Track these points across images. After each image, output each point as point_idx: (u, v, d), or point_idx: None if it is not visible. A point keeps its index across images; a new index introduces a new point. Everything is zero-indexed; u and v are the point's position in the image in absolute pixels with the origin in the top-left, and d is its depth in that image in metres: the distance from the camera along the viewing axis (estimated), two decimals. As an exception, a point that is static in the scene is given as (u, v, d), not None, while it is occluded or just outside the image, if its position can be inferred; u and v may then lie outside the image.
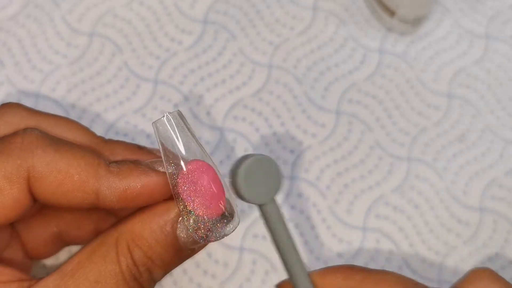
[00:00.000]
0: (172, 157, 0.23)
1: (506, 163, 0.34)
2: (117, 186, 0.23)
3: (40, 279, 0.23)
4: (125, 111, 0.34)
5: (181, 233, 0.23)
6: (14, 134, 0.23)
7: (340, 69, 0.36)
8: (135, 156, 0.26)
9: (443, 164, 0.34)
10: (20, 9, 0.36)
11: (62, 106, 0.34)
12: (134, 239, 0.23)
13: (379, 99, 0.35)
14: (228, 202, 0.23)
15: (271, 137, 0.34)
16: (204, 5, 0.36)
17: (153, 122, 0.23)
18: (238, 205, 0.24)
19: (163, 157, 0.23)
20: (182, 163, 0.23)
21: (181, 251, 0.24)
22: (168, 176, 0.23)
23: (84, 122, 0.34)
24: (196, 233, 0.23)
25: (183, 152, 0.23)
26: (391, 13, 0.35)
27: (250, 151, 0.34)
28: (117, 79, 0.35)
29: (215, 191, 0.23)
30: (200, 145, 0.24)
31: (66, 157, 0.23)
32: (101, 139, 0.27)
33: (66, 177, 0.23)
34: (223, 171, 0.33)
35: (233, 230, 0.23)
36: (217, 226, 0.23)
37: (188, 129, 0.24)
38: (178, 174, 0.23)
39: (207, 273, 0.32)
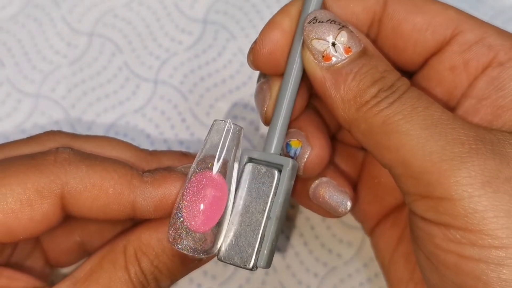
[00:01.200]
0: (204, 162, 0.23)
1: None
2: (153, 196, 0.23)
3: (53, 286, 0.23)
4: (125, 111, 0.34)
5: (186, 252, 0.23)
6: (47, 151, 0.24)
7: (340, 69, 0.36)
8: (181, 164, 0.26)
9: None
10: (20, 9, 0.36)
11: (62, 106, 0.34)
12: (141, 247, 0.23)
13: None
14: (216, 229, 0.23)
15: (271, 137, 0.34)
16: (204, 5, 0.36)
17: (215, 120, 0.23)
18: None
19: (197, 156, 0.23)
20: (203, 169, 0.23)
21: (187, 261, 0.24)
22: (187, 175, 0.23)
23: (84, 122, 0.34)
24: (174, 240, 0.22)
25: (219, 162, 0.23)
26: (391, 13, 0.35)
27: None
28: (117, 79, 0.35)
29: (211, 208, 0.22)
30: (234, 169, 0.23)
31: (99, 171, 0.23)
32: (146, 152, 0.27)
33: (101, 191, 0.23)
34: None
35: (203, 256, 0.23)
36: (192, 240, 0.22)
37: (237, 148, 0.23)
38: (193, 175, 0.23)
39: (207, 273, 0.32)
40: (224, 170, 0.23)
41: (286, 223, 0.33)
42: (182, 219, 0.22)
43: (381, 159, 0.22)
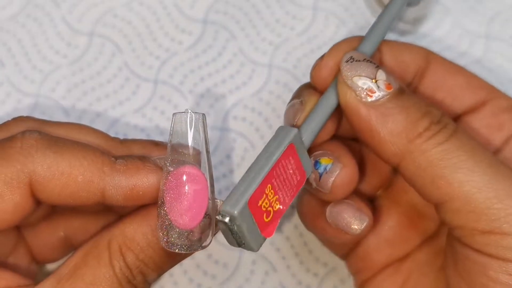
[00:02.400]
0: (176, 155, 0.23)
1: (506, 163, 0.34)
2: (123, 186, 0.23)
3: (37, 284, 0.23)
4: (125, 111, 0.34)
5: (174, 236, 0.23)
6: (13, 137, 0.23)
7: (340, 69, 0.36)
8: (153, 154, 0.26)
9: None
10: (20, 9, 0.36)
11: (62, 106, 0.34)
12: (125, 242, 0.23)
13: (379, 99, 0.35)
14: (205, 221, 0.23)
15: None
16: (204, 5, 0.36)
17: (174, 113, 0.23)
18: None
19: (167, 152, 0.23)
20: (176, 166, 0.22)
21: (173, 254, 0.24)
22: (163, 173, 0.23)
23: (84, 122, 0.34)
24: (168, 243, 0.22)
25: (190, 154, 0.22)
26: (391, 13, 0.35)
27: (250, 151, 0.34)
28: (117, 79, 0.35)
29: (195, 203, 0.22)
30: (208, 157, 0.23)
31: (67, 158, 0.23)
32: (117, 140, 0.26)
33: (70, 179, 0.23)
34: (223, 171, 0.33)
35: (194, 251, 0.23)
36: (184, 238, 0.22)
37: (205, 135, 0.23)
38: (169, 174, 0.22)
39: (207, 273, 0.32)
40: (198, 160, 0.23)
41: (286, 223, 0.33)
42: (169, 221, 0.22)
43: (436, 192, 0.22)
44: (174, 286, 0.32)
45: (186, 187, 0.22)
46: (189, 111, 0.23)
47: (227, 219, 0.22)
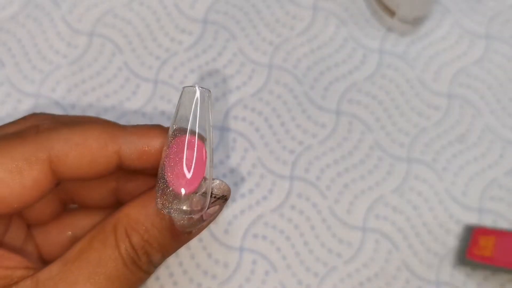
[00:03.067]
0: (180, 125, 0.23)
1: (506, 163, 0.34)
2: (136, 144, 0.24)
3: (45, 266, 0.24)
4: (125, 111, 0.34)
5: (177, 216, 0.24)
6: (26, 118, 0.25)
7: (340, 69, 0.36)
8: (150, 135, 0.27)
9: (443, 165, 0.34)
10: (20, 9, 0.36)
11: (62, 106, 0.34)
12: (131, 223, 0.24)
13: (379, 99, 0.35)
14: (201, 188, 0.23)
15: (271, 137, 0.34)
16: (204, 5, 0.36)
17: (184, 87, 0.23)
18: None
19: (172, 121, 0.23)
20: (179, 134, 0.23)
21: (177, 234, 0.24)
22: (167, 140, 0.23)
23: (84, 122, 0.34)
24: (163, 206, 0.23)
25: (196, 126, 0.23)
26: (391, 13, 0.35)
27: (250, 151, 0.34)
28: (117, 79, 0.35)
29: (192, 169, 0.23)
30: (210, 129, 0.24)
31: (80, 130, 0.24)
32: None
33: (85, 148, 0.24)
34: (223, 171, 0.33)
35: (194, 215, 0.23)
36: (180, 203, 0.23)
37: (209, 111, 0.24)
38: (172, 140, 0.23)
39: (207, 273, 0.32)
40: (201, 133, 0.23)
41: (286, 223, 0.33)
42: (166, 183, 0.23)
43: None
44: (174, 286, 0.32)
45: (185, 153, 0.23)
46: (197, 86, 0.23)
47: None
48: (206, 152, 0.23)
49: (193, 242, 0.32)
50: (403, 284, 0.32)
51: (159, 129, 0.25)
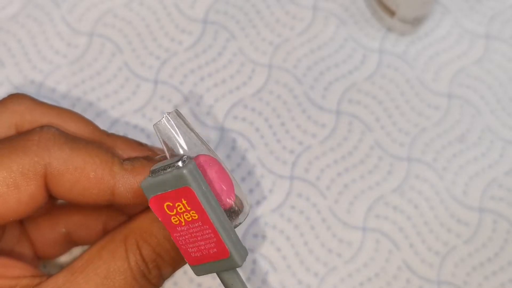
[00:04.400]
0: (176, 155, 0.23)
1: (506, 163, 0.34)
2: (132, 183, 0.24)
3: (51, 275, 0.23)
4: (125, 111, 0.34)
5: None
6: (31, 131, 0.24)
7: (340, 69, 0.36)
8: (136, 153, 0.26)
9: (443, 164, 0.34)
10: (20, 9, 0.36)
11: (62, 106, 0.34)
12: (143, 235, 0.24)
13: (379, 99, 0.35)
14: (237, 196, 0.23)
15: (271, 137, 0.34)
16: (204, 5, 0.36)
17: (154, 125, 0.23)
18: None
19: (168, 157, 0.23)
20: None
21: None
22: None
23: (84, 122, 0.34)
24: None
25: (186, 149, 0.23)
26: (391, 13, 0.35)
27: (250, 151, 0.34)
28: (117, 79, 0.35)
29: (223, 183, 0.23)
30: (203, 141, 0.24)
31: (82, 154, 0.23)
32: (104, 132, 0.27)
33: (82, 175, 0.23)
34: (223, 171, 0.33)
35: (243, 221, 0.23)
36: (235, 213, 0.23)
37: (188, 126, 0.23)
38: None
39: (207, 273, 0.32)
40: (199, 150, 0.23)
41: (286, 224, 0.33)
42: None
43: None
44: (174, 286, 0.32)
45: (209, 173, 0.23)
46: (165, 114, 0.23)
47: None
48: (220, 162, 0.23)
49: (193, 242, 0.32)
50: (404, 284, 0.32)
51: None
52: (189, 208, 0.21)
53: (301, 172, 0.33)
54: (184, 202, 0.21)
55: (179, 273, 0.32)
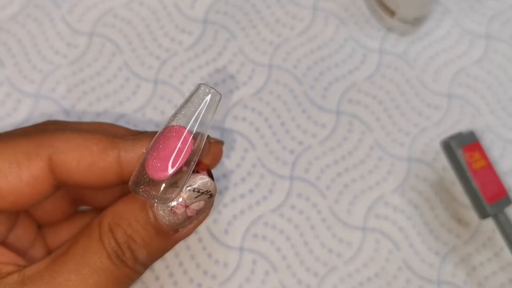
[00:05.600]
0: (181, 118, 0.24)
1: (506, 163, 0.34)
2: (136, 149, 0.24)
3: (35, 263, 0.24)
4: (125, 111, 0.34)
5: (160, 212, 0.24)
6: (36, 124, 0.26)
7: (340, 69, 0.36)
8: None
9: (443, 164, 0.34)
10: (20, 9, 0.36)
11: (62, 106, 0.34)
12: (114, 219, 0.24)
13: (379, 99, 0.35)
14: (174, 179, 0.23)
15: (271, 137, 0.34)
16: (204, 5, 0.36)
17: (200, 84, 0.24)
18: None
19: (174, 113, 0.24)
20: (176, 124, 0.23)
21: (162, 231, 0.24)
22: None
23: (84, 122, 0.34)
24: (133, 184, 0.23)
25: (196, 123, 0.23)
26: (391, 13, 0.35)
27: (250, 151, 0.34)
28: (117, 79, 0.35)
29: (170, 157, 0.23)
30: (207, 129, 0.24)
31: (83, 134, 0.25)
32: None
33: (85, 150, 0.24)
34: (223, 171, 0.33)
35: (159, 202, 0.23)
36: (150, 186, 0.23)
37: (213, 114, 0.24)
38: (162, 129, 0.24)
39: (207, 273, 0.32)
40: (198, 131, 0.24)
41: (286, 223, 0.33)
42: (143, 165, 0.23)
43: None
44: (174, 286, 0.31)
45: (170, 140, 0.23)
46: (213, 88, 0.24)
47: None
48: (192, 144, 0.23)
49: (193, 242, 0.32)
50: (404, 284, 0.32)
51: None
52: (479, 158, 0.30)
53: (301, 172, 0.33)
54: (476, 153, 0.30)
55: (179, 273, 0.32)
